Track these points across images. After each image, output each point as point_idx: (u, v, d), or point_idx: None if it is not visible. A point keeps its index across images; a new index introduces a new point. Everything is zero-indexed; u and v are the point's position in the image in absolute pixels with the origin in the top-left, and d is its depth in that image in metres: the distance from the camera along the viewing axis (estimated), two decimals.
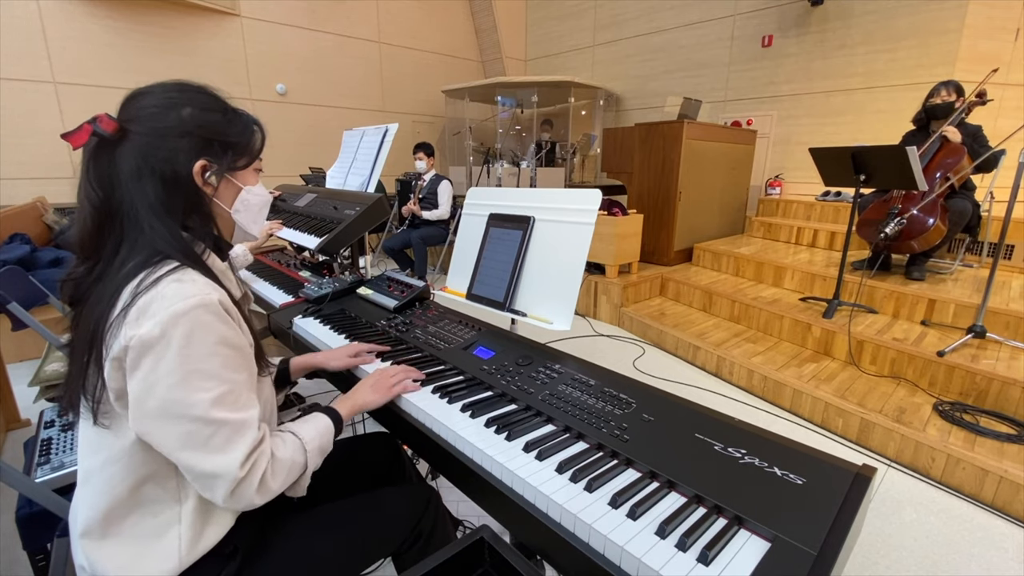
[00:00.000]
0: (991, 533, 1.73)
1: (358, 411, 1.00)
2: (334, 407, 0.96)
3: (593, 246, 1.27)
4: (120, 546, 0.75)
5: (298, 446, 0.83)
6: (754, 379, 2.71)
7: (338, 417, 0.94)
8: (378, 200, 1.87)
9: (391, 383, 1.03)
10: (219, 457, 0.70)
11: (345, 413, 0.96)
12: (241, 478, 0.71)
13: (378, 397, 1.01)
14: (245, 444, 0.72)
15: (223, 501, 0.72)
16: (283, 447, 0.81)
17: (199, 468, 0.70)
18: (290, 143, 5.79)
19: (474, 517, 1.65)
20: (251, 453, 0.73)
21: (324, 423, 0.90)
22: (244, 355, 0.77)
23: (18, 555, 1.36)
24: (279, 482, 0.77)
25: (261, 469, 0.74)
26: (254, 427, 0.75)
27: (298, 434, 0.85)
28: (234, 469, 0.70)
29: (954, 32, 3.94)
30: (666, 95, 5.29)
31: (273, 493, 0.77)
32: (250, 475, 0.72)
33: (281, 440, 0.82)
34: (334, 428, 0.91)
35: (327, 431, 0.89)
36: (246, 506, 0.74)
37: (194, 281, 0.72)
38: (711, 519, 0.67)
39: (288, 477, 0.79)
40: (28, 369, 2.52)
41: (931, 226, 2.83)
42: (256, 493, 0.73)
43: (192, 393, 0.68)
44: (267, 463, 0.75)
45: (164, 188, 0.75)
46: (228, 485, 0.70)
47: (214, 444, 0.70)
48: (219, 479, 0.70)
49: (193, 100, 0.79)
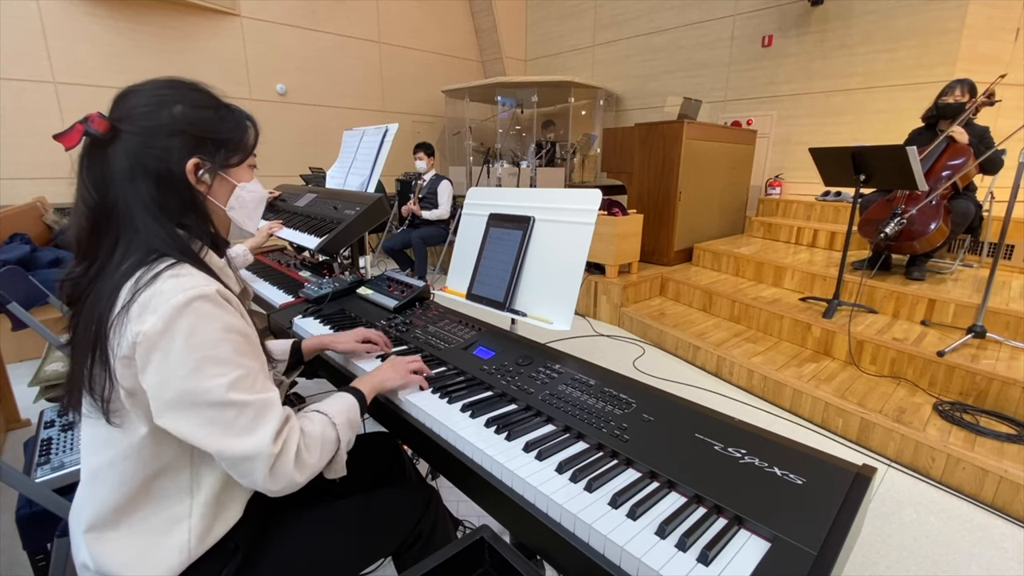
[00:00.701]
0: (991, 533, 1.73)
1: (378, 390, 1.00)
2: (355, 386, 0.96)
3: (593, 246, 1.27)
4: (129, 539, 0.75)
5: (326, 421, 0.83)
6: (754, 379, 2.71)
7: (360, 394, 0.94)
8: (378, 200, 1.87)
9: (410, 368, 1.04)
10: (248, 438, 0.70)
11: (367, 390, 0.96)
12: (276, 454, 0.71)
13: (397, 376, 1.02)
14: (272, 422, 0.72)
15: (264, 484, 0.71)
16: (310, 424, 0.81)
17: (231, 452, 0.69)
18: (290, 143, 5.80)
19: (474, 517, 1.65)
20: (280, 429, 0.73)
21: (348, 399, 0.90)
22: (252, 342, 0.77)
23: (18, 555, 1.36)
24: (315, 457, 0.77)
25: (295, 443, 0.74)
26: (277, 405, 0.74)
27: (323, 410, 0.85)
28: (267, 447, 0.70)
29: (954, 32, 3.94)
30: (666, 95, 5.30)
31: (312, 468, 0.77)
32: (284, 451, 0.72)
33: (307, 419, 0.82)
34: (358, 404, 0.91)
35: (352, 407, 0.90)
36: (287, 486, 0.74)
37: (191, 275, 0.72)
38: (711, 519, 0.67)
39: (323, 452, 0.79)
40: (28, 369, 2.52)
41: (933, 228, 2.83)
42: (295, 469, 0.73)
43: (205, 380, 0.68)
44: (299, 438, 0.75)
45: (158, 187, 0.75)
46: (265, 464, 0.70)
47: (240, 426, 0.70)
48: (254, 460, 0.70)
49: (184, 97, 0.78)
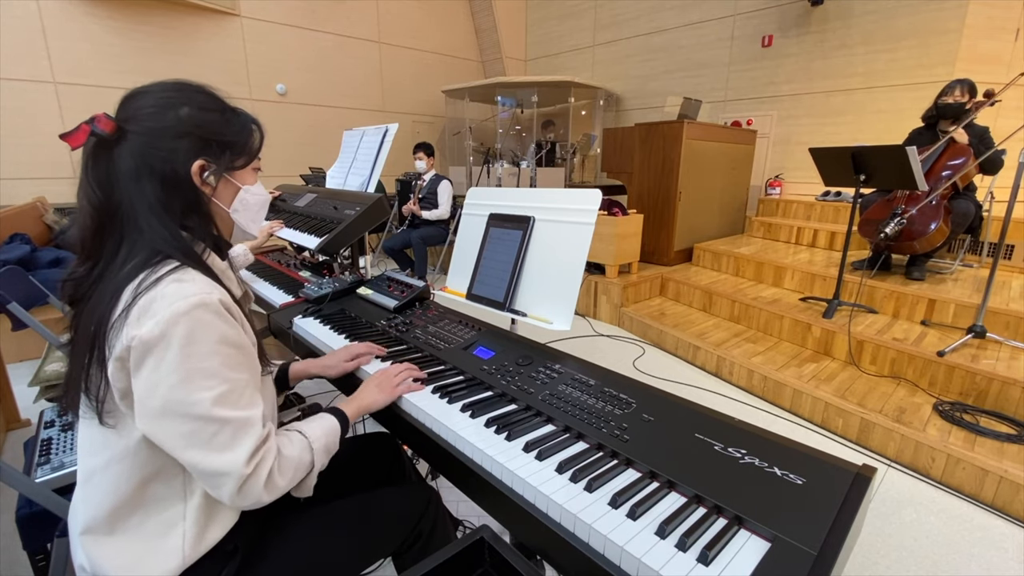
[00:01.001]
0: (991, 533, 1.73)
1: (364, 412, 1.00)
2: (340, 408, 0.96)
3: (593, 246, 1.27)
4: (124, 544, 0.75)
5: (305, 445, 0.83)
6: (754, 379, 2.71)
7: (344, 418, 0.94)
8: (378, 200, 1.87)
9: (395, 383, 1.03)
10: (224, 455, 0.70)
11: (351, 413, 0.96)
12: (247, 475, 0.71)
13: (383, 397, 1.01)
14: (250, 441, 0.72)
15: (230, 499, 0.72)
16: (289, 445, 0.81)
17: (204, 467, 0.70)
18: (290, 143, 5.79)
19: (474, 517, 1.65)
20: (256, 450, 0.73)
21: (330, 423, 0.90)
22: (246, 354, 0.77)
23: (18, 555, 1.36)
24: (286, 479, 0.77)
25: (268, 466, 0.74)
26: (258, 424, 0.75)
27: (304, 433, 0.85)
28: (239, 466, 0.70)
29: (954, 32, 3.94)
30: (666, 95, 5.29)
31: (281, 490, 0.77)
32: (257, 472, 0.72)
33: (287, 439, 0.82)
34: (340, 429, 0.91)
35: (333, 431, 0.89)
36: (253, 504, 0.74)
37: (194, 280, 0.72)
38: (711, 519, 0.67)
39: (295, 475, 0.79)
40: (28, 369, 2.52)
41: (933, 228, 2.83)
42: (264, 490, 0.73)
43: (193, 392, 0.68)
44: (274, 460, 0.75)
45: (163, 188, 0.75)
46: (235, 483, 0.70)
47: (218, 442, 0.70)
48: (225, 477, 0.70)
49: (191, 100, 0.79)
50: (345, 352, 1.18)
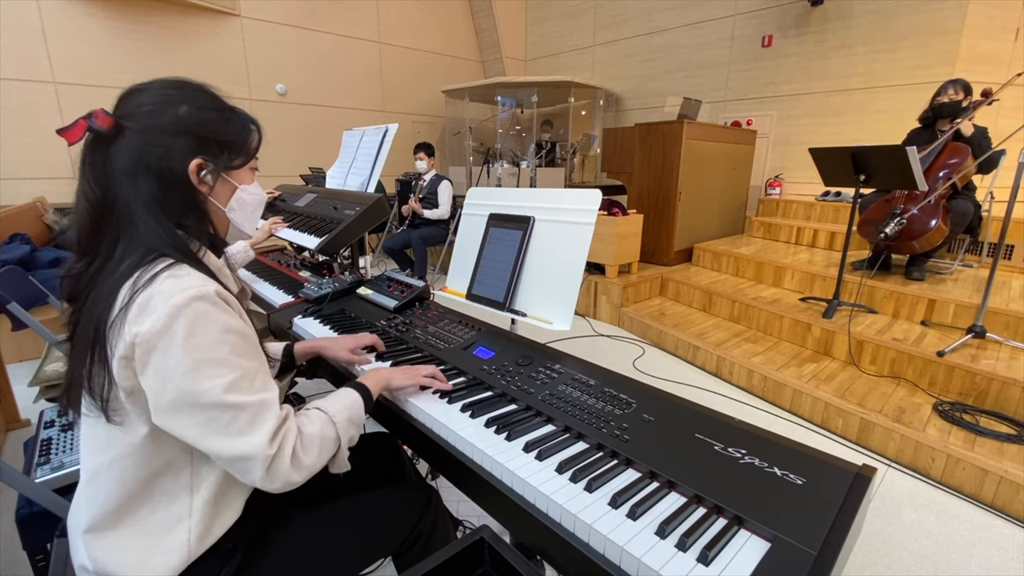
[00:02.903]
0: (991, 533, 1.73)
1: (384, 387, 0.99)
2: (360, 381, 0.95)
3: (593, 246, 1.27)
4: (129, 538, 0.75)
5: (325, 419, 0.83)
6: (754, 379, 2.71)
7: (366, 390, 0.93)
8: (378, 200, 1.87)
9: (421, 373, 1.03)
10: (245, 439, 0.70)
11: (372, 385, 0.95)
12: (272, 455, 0.71)
13: (407, 377, 1.01)
14: (269, 423, 0.72)
15: (262, 482, 0.72)
16: (309, 424, 0.81)
17: (228, 453, 0.70)
18: (290, 143, 5.79)
19: (474, 517, 1.65)
20: (277, 430, 0.73)
21: (351, 396, 0.90)
22: (251, 342, 0.77)
23: (18, 555, 1.36)
24: (312, 457, 0.77)
25: (291, 444, 0.74)
26: (275, 406, 0.75)
27: (324, 408, 0.85)
28: (262, 448, 0.70)
29: (954, 32, 3.94)
30: (666, 95, 5.29)
31: (310, 469, 0.77)
32: (281, 451, 0.72)
33: (306, 417, 0.82)
34: (362, 400, 0.91)
35: (356, 404, 0.89)
36: (284, 485, 0.74)
37: (190, 275, 0.72)
38: (711, 519, 0.67)
39: (322, 452, 0.80)
40: (28, 369, 2.52)
41: (933, 227, 2.83)
42: (292, 469, 0.73)
43: (203, 381, 0.68)
44: (295, 439, 0.75)
45: (159, 186, 0.75)
46: (262, 465, 0.70)
47: (236, 427, 0.70)
48: (251, 461, 0.70)
49: (190, 98, 0.79)
50: (352, 340, 1.18)
